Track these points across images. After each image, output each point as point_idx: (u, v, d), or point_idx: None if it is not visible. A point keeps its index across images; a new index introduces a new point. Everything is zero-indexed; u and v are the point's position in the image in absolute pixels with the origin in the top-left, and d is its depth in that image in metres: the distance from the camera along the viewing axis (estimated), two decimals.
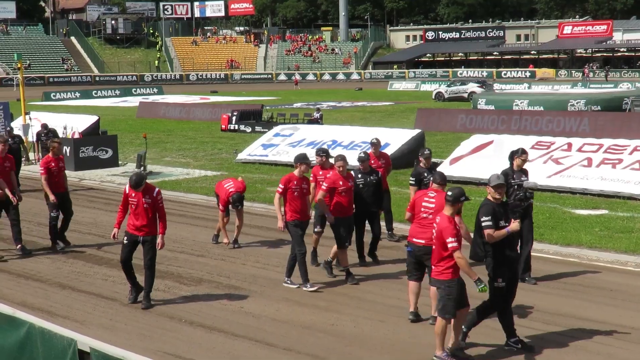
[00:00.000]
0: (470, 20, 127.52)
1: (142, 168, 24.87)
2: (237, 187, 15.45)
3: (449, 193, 9.41)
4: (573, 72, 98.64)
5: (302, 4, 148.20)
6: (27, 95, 31.12)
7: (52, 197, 15.26)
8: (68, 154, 25.78)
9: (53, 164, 15.38)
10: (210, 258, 14.51)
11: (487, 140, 23.34)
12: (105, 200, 20.81)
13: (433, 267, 9.45)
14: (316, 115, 40.02)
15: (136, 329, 10.58)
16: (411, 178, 13.92)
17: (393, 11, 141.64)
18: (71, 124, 29.67)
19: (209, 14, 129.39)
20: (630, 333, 10.22)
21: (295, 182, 12.34)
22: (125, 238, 11.74)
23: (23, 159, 25.26)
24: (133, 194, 11.53)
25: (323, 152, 14.14)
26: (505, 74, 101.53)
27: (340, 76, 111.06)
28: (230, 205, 15.29)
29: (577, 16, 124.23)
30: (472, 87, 61.82)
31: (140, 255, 11.74)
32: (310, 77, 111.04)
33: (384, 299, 11.81)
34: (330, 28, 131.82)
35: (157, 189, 11.74)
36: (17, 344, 7.32)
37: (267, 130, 32.78)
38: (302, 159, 12.64)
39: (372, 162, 14.82)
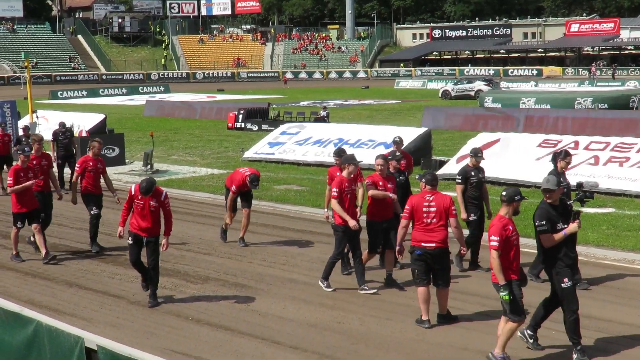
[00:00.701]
0: (477, 18, 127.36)
1: (148, 166, 24.93)
2: (253, 171, 15.45)
3: (504, 193, 9.16)
4: (580, 70, 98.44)
5: (308, 2, 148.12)
6: (34, 94, 31.22)
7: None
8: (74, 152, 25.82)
9: (91, 164, 15.11)
10: (217, 256, 14.52)
11: (493, 138, 23.32)
12: (112, 198, 20.80)
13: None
14: (323, 113, 40.07)
15: (143, 326, 10.60)
16: (458, 177, 13.46)
17: (400, 9, 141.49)
18: (78, 122, 29.77)
19: (215, 12, 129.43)
20: (637, 332, 10.21)
21: (346, 184, 11.88)
22: (130, 238, 11.67)
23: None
24: (139, 196, 11.47)
25: (340, 154, 13.74)
26: (512, 72, 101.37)
27: (347, 74, 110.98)
28: (247, 187, 15.18)
29: (584, 14, 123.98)
30: (479, 85, 61.77)
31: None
32: (317, 75, 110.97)
33: (391, 297, 11.81)
34: (337, 26, 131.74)
35: (164, 192, 11.70)
36: (25, 342, 7.35)
37: (273, 128, 32.80)
38: (350, 159, 12.24)
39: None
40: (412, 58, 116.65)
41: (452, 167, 22.41)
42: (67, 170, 22.02)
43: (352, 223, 11.79)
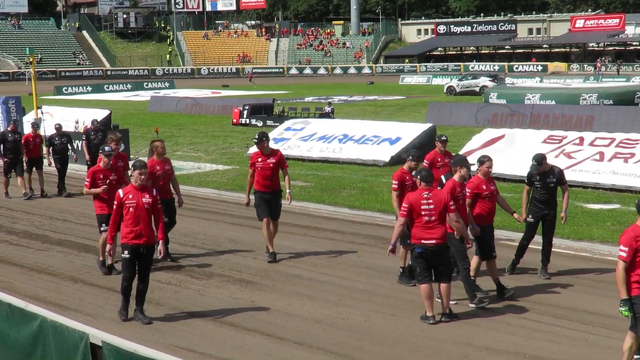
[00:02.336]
0: (482, 14, 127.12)
1: None
2: None
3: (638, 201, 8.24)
4: (585, 65, 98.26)
5: None
6: (39, 90, 31.25)
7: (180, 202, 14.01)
8: (79, 148, 25.83)
9: (158, 167, 13.53)
10: (222, 252, 14.52)
11: (498, 134, 23.30)
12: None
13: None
14: (327, 109, 40.07)
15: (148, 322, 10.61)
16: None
17: (404, 5, 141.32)
18: (83, 118, 29.77)
19: (220, 7, 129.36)
20: None
21: (458, 190, 11.01)
22: (126, 252, 10.50)
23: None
24: (130, 195, 10.45)
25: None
26: (517, 68, 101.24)
27: (352, 70, 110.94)
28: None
29: (590, 10, 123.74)
30: (484, 81, 61.74)
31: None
32: (322, 71, 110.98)
33: (395, 292, 11.81)
34: (342, 22, 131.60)
35: (155, 189, 10.95)
36: (30, 337, 7.37)
37: (278, 124, 32.80)
38: (461, 161, 11.37)
39: (439, 160, 14.18)
40: (417, 54, 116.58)
41: None
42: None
43: (474, 233, 11.25)
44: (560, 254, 13.80)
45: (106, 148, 13.46)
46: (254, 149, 15.18)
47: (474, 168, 11.82)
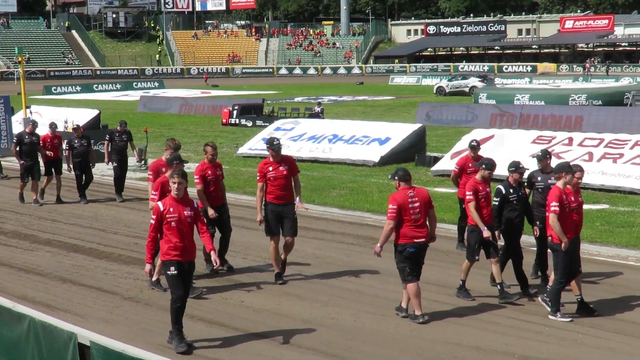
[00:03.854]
0: (471, 15, 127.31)
1: (142, 162, 24.90)
2: None
3: None
4: (574, 66, 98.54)
5: None
6: (27, 89, 31.14)
7: (211, 212, 12.41)
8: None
9: (209, 172, 12.69)
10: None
11: (488, 134, 23.33)
12: (106, 194, 20.83)
13: None
14: (317, 109, 40.06)
15: (137, 322, 10.59)
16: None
17: (394, 5, 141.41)
18: (72, 117, 29.70)
19: (210, 7, 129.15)
20: (630, 327, 10.23)
21: (564, 198, 10.50)
22: (172, 268, 9.50)
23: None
24: (171, 209, 9.54)
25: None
26: (506, 69, 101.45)
27: (342, 70, 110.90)
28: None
29: (579, 10, 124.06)
30: (474, 81, 61.88)
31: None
32: (312, 71, 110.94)
33: (385, 293, 11.80)
34: (332, 22, 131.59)
35: (196, 201, 10.27)
36: (20, 337, 7.35)
37: (268, 124, 32.78)
38: (565, 167, 10.86)
39: (470, 165, 13.93)
40: (407, 54, 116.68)
41: (446, 163, 22.43)
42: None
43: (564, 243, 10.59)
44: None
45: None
46: (244, 150, 14.84)
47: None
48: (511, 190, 11.61)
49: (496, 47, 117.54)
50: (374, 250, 10.49)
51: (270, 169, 12.27)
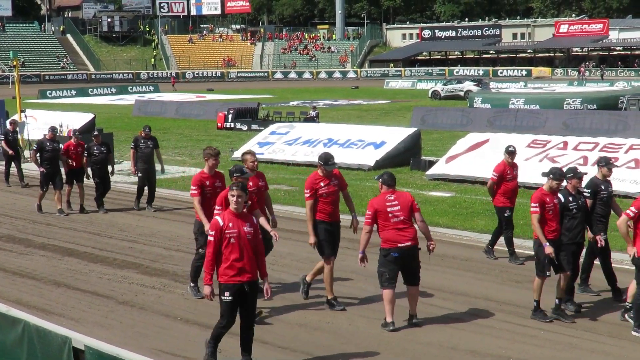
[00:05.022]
0: (466, 19, 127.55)
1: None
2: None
3: None
4: (569, 70, 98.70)
5: (298, 2, 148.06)
6: (22, 93, 31.12)
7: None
8: None
9: (250, 183, 11.30)
10: None
11: (483, 138, 23.36)
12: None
13: None
14: (312, 113, 40.07)
15: (131, 326, 10.57)
16: (586, 190, 11.57)
17: (389, 9, 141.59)
18: (67, 121, 29.67)
19: (205, 12, 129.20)
20: (625, 331, 10.23)
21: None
22: (228, 293, 8.78)
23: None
24: (230, 224, 8.71)
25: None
26: (501, 73, 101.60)
27: (337, 74, 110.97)
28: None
29: (574, 15, 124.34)
30: (469, 85, 61.92)
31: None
32: (307, 75, 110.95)
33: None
34: (327, 26, 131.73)
35: (254, 216, 9.43)
36: (14, 342, 7.33)
37: (263, 128, 32.79)
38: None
39: (509, 172, 13.74)
40: (402, 58, 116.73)
41: (441, 167, 22.46)
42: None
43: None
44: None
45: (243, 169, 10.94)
46: (238, 154, 14.39)
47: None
48: (570, 199, 11.02)
49: (491, 52, 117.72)
50: (359, 260, 10.43)
51: (322, 184, 11.39)
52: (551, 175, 10.76)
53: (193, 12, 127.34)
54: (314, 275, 11.65)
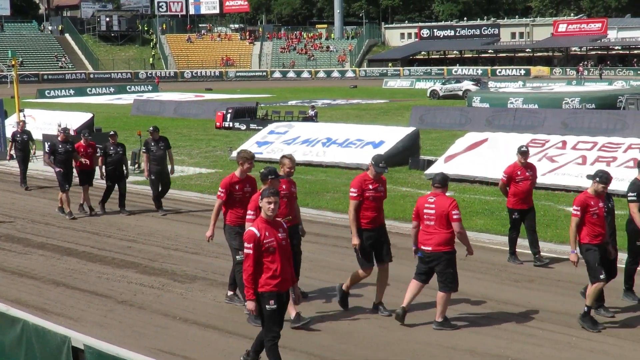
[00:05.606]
0: (465, 18, 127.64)
1: (136, 165, 24.86)
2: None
3: None
4: (568, 70, 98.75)
5: (297, 1, 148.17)
6: (21, 93, 31.10)
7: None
8: None
9: (284, 187, 10.80)
10: (205, 255, 14.48)
11: (481, 138, 23.35)
12: (99, 197, 20.72)
13: None
14: (311, 112, 40.10)
15: (130, 326, 10.57)
16: (631, 193, 11.12)
17: (388, 9, 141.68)
18: (65, 121, 29.63)
19: (203, 11, 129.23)
20: (623, 330, 10.23)
21: None
22: (272, 301, 8.37)
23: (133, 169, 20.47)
24: (267, 233, 8.36)
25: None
26: (500, 72, 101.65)
27: (335, 74, 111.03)
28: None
29: (572, 14, 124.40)
30: (467, 84, 61.94)
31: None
32: (305, 74, 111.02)
33: None
34: (325, 25, 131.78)
35: (284, 222, 8.98)
36: (13, 341, 7.32)
37: (261, 127, 32.77)
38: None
39: (519, 173, 13.42)
40: (400, 58, 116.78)
41: (440, 167, 22.44)
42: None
43: None
44: (543, 257, 13.84)
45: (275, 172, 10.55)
46: (238, 149, 13.53)
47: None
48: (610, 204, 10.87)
49: (490, 51, 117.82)
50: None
51: (370, 187, 10.77)
52: (597, 179, 10.39)
53: (191, 11, 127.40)
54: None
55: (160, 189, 18.90)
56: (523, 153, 13.52)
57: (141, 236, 16.25)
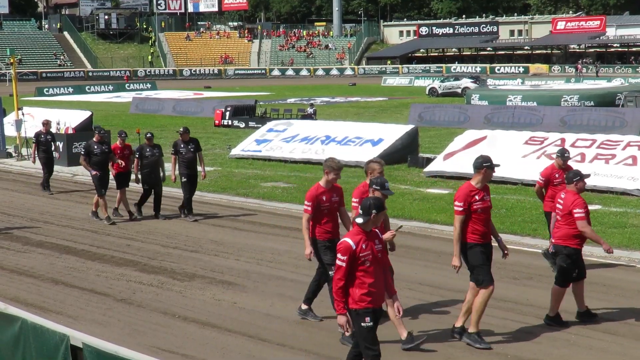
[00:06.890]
0: (463, 16, 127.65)
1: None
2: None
3: None
4: (566, 67, 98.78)
5: None
6: (19, 91, 31.05)
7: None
8: (61, 149, 25.73)
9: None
10: (204, 253, 14.48)
11: (480, 135, 23.35)
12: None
13: None
14: (310, 110, 40.07)
15: (129, 324, 10.56)
16: None
17: (387, 6, 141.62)
18: (64, 119, 29.62)
19: (202, 9, 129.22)
20: (622, 328, 10.24)
21: None
22: (368, 318, 7.71)
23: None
24: (364, 245, 7.68)
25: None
26: (498, 70, 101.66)
27: (334, 71, 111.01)
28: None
29: (571, 11, 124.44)
30: (466, 82, 62.00)
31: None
32: (304, 72, 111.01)
33: None
34: (324, 23, 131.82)
35: (379, 231, 8.19)
36: (11, 340, 7.32)
37: (260, 125, 32.78)
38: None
39: (557, 175, 12.79)
40: (399, 55, 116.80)
41: (439, 164, 22.46)
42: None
43: None
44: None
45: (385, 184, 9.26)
46: (237, 151, 13.50)
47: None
48: None
49: (488, 48, 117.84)
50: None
51: (477, 197, 9.67)
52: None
53: (190, 9, 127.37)
54: (465, 316, 9.88)
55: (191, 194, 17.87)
56: (564, 156, 12.95)
57: (140, 234, 16.25)
